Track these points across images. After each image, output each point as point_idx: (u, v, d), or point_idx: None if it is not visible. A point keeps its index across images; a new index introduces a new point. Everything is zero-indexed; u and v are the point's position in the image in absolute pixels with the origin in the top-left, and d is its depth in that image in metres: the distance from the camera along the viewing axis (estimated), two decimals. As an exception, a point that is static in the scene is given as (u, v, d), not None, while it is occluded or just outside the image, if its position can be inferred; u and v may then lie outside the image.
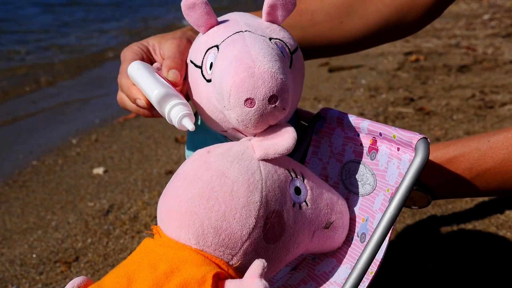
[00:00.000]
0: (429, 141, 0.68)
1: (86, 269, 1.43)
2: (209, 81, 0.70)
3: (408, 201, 0.85)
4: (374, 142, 0.76)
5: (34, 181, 2.10)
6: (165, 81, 0.74)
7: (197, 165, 0.66)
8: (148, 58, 0.81)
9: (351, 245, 0.76)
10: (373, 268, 0.68)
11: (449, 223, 1.48)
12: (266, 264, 0.60)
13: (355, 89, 2.77)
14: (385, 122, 2.23)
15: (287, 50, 0.72)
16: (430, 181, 0.81)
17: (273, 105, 0.65)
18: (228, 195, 0.64)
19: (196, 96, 0.74)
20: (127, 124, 2.69)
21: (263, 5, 0.72)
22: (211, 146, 0.69)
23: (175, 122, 0.70)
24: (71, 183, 2.04)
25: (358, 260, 0.67)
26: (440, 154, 0.80)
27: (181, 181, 0.66)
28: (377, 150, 0.76)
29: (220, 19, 0.75)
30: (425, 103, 2.44)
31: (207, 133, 0.80)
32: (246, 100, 0.64)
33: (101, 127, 2.69)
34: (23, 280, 1.41)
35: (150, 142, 2.39)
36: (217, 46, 0.70)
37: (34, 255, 1.52)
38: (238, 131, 0.71)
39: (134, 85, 0.76)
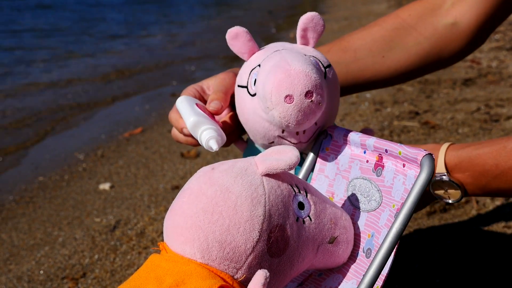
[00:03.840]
0: (434, 157, 0.69)
1: (94, 285, 1.43)
2: (253, 95, 0.80)
3: (443, 194, 0.86)
4: (380, 158, 0.77)
5: (41, 197, 2.11)
6: (201, 111, 0.83)
7: (202, 181, 0.67)
8: (201, 97, 0.90)
9: (357, 260, 0.76)
10: (379, 283, 0.69)
11: (456, 238, 1.47)
12: (268, 274, 0.61)
13: (360, 103, 2.78)
14: (390, 136, 2.23)
15: (320, 64, 0.81)
16: (459, 176, 0.83)
17: (310, 100, 0.74)
18: (231, 210, 0.64)
19: (243, 113, 0.83)
20: (133, 139, 2.70)
21: (297, 30, 0.82)
22: (216, 163, 0.70)
23: (203, 144, 0.79)
24: (77, 198, 2.05)
25: (364, 275, 0.67)
26: (468, 151, 0.82)
27: (186, 197, 0.67)
28: (383, 166, 0.76)
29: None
30: (430, 116, 2.44)
31: (257, 152, 0.88)
32: (286, 97, 0.73)
33: (107, 142, 2.70)
34: (30, 296, 1.42)
35: (156, 157, 2.40)
36: (259, 65, 0.80)
37: (41, 272, 1.52)
38: (283, 138, 0.80)
39: (181, 117, 0.85)
